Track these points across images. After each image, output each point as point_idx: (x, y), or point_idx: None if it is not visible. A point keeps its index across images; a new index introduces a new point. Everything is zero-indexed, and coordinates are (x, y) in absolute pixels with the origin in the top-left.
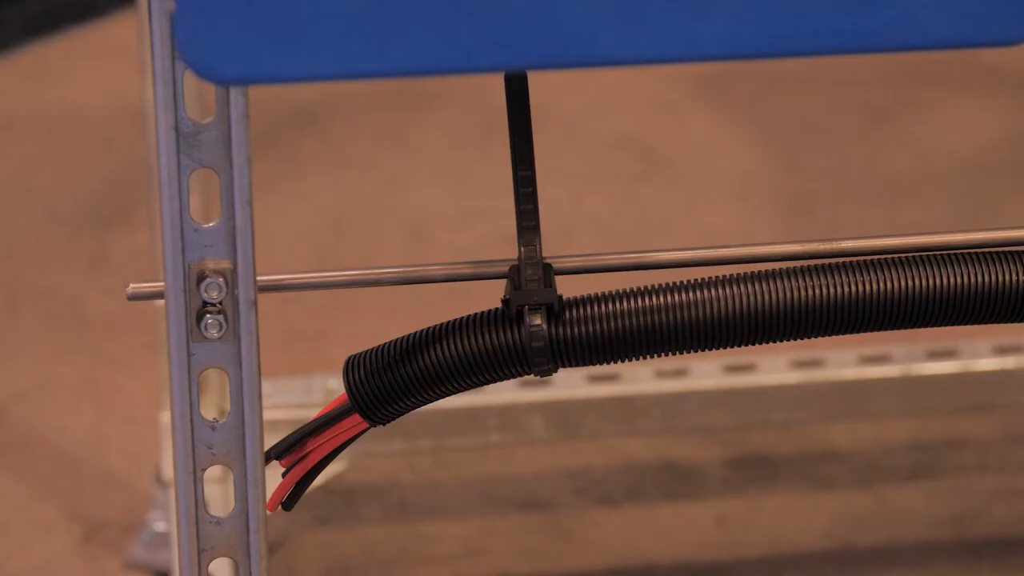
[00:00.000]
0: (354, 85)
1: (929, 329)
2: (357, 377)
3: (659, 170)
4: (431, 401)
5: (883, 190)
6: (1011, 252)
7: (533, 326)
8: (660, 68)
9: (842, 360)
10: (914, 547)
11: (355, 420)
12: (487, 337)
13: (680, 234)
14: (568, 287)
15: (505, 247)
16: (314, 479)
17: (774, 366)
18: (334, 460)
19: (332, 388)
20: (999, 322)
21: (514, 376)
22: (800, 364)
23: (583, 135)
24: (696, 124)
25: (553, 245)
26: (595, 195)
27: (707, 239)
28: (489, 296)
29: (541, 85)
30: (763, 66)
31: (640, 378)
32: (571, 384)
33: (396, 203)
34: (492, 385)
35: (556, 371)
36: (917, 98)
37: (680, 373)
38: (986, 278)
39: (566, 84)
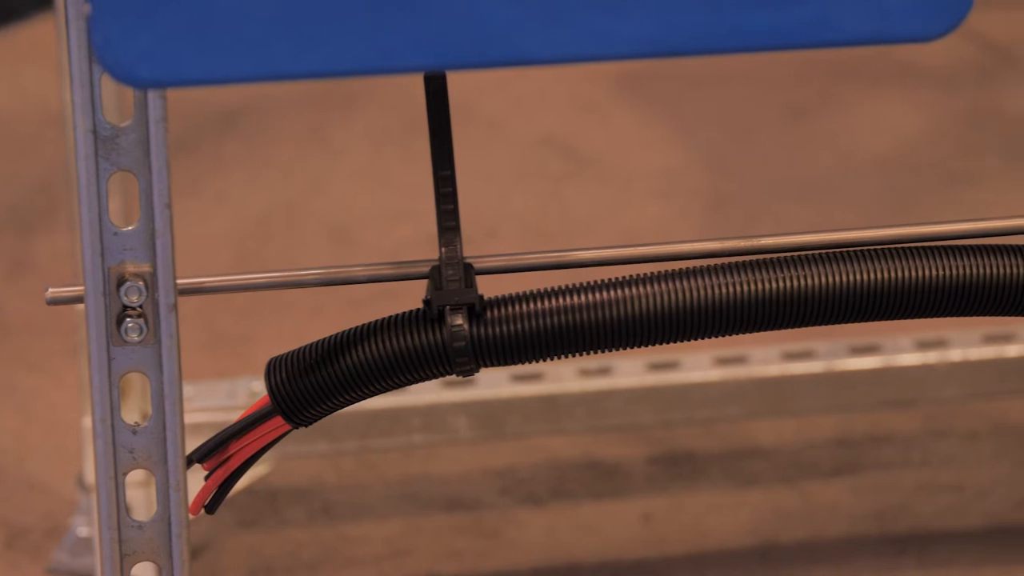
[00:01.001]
0: (276, 86)
1: (851, 324)
2: (279, 379)
3: (582, 169)
4: (354, 402)
5: (805, 187)
6: (932, 247)
7: (454, 326)
8: (582, 67)
9: (765, 357)
10: (838, 543)
11: (277, 422)
12: (409, 338)
13: (604, 233)
14: (492, 287)
15: (429, 247)
16: (237, 482)
17: (697, 363)
18: (257, 463)
19: (256, 391)
20: (919, 317)
21: (436, 376)
22: (723, 361)
23: (507, 134)
24: (619, 123)
25: (477, 245)
26: (519, 194)
27: (631, 238)
28: (415, 296)
29: (465, 84)
30: (685, 64)
31: (564, 377)
32: (495, 384)
33: (319, 204)
34: (416, 385)
35: (478, 371)
36: (838, 95)
37: (604, 371)
38: (906, 273)
39: (490, 83)
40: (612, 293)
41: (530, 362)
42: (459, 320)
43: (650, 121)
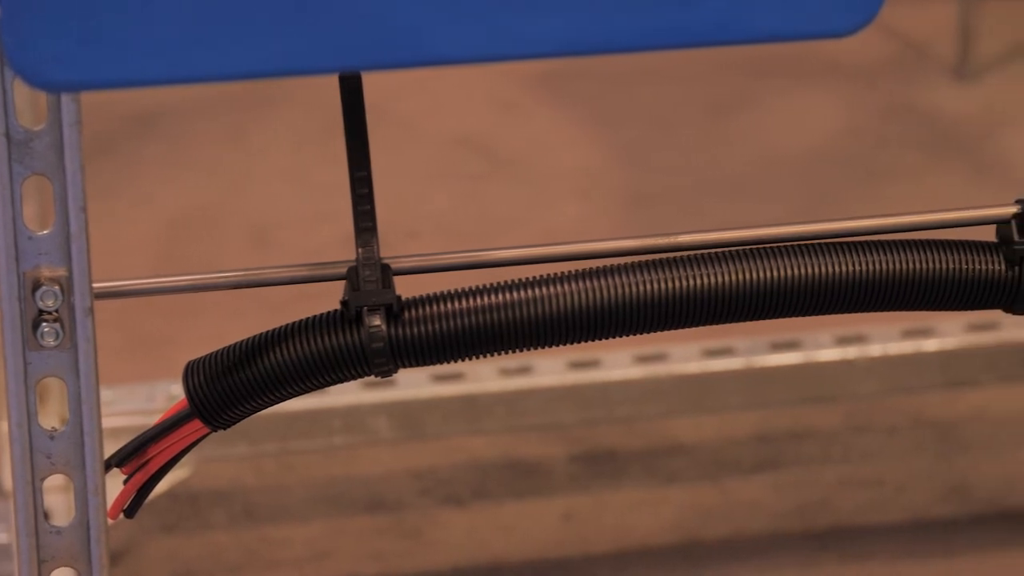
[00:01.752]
0: (194, 88)
1: (771, 321)
2: (197, 382)
3: (501, 169)
4: (272, 404)
5: (726, 184)
6: (852, 243)
7: (372, 327)
8: (500, 66)
9: (685, 354)
10: (760, 539)
11: (196, 425)
12: (326, 339)
13: (523, 232)
14: (412, 287)
15: (350, 248)
16: (155, 486)
17: (617, 361)
18: (178, 466)
19: (175, 394)
20: (840, 312)
21: (355, 377)
22: (643, 359)
23: (425, 135)
24: (538, 122)
25: (396, 245)
26: (438, 194)
27: (550, 237)
28: (335, 298)
29: (382, 85)
30: (604, 63)
31: (484, 376)
32: (415, 384)
33: (239, 206)
34: (335, 387)
35: (396, 371)
36: (758, 92)
37: (524, 371)
38: (826, 269)
39: (407, 84)
40: (530, 292)
41: (449, 362)
42: (377, 321)
43: (569, 120)
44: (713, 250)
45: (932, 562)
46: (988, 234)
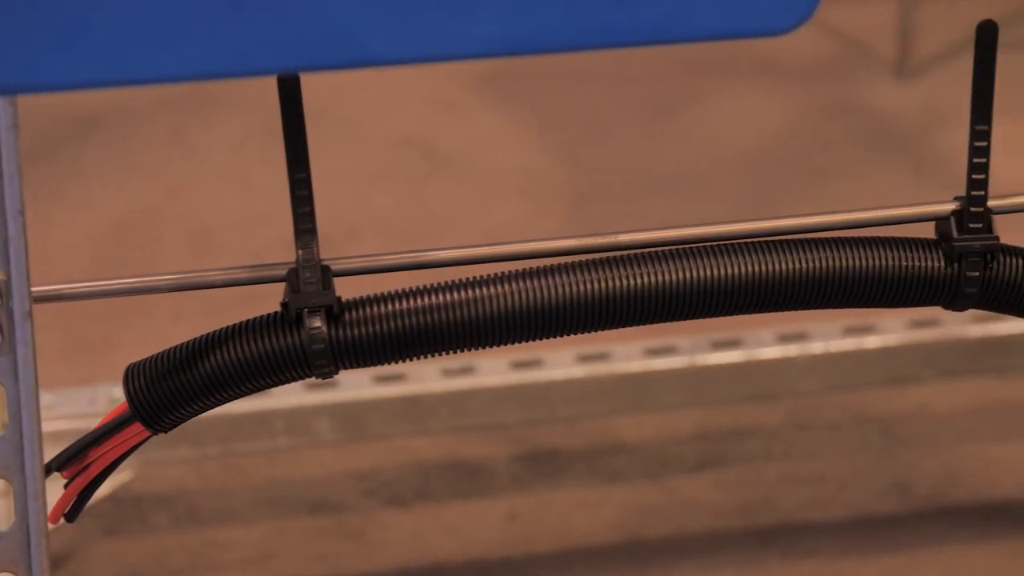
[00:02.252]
0: (135, 91)
1: (713, 319)
2: (137, 385)
3: (443, 169)
4: (213, 407)
5: (667, 183)
6: (793, 240)
7: (312, 329)
8: (442, 66)
9: (627, 353)
10: (702, 537)
11: (137, 428)
12: (267, 341)
13: (466, 232)
14: (355, 288)
15: (292, 250)
16: (96, 489)
17: (559, 361)
18: (121, 469)
19: (117, 397)
20: (781, 310)
21: (296, 379)
22: (585, 358)
23: (366, 135)
24: (479, 122)
25: (337, 247)
26: (380, 195)
27: (493, 237)
28: (279, 300)
29: (323, 86)
30: (545, 62)
31: (426, 377)
32: (357, 385)
33: (180, 209)
34: (278, 388)
35: (337, 373)
36: (700, 91)
37: (466, 371)
38: (767, 267)
39: (348, 85)
40: (471, 292)
41: (390, 363)
42: (317, 323)
43: (511, 119)
44: (654, 249)
45: (874, 559)
46: (928, 231)
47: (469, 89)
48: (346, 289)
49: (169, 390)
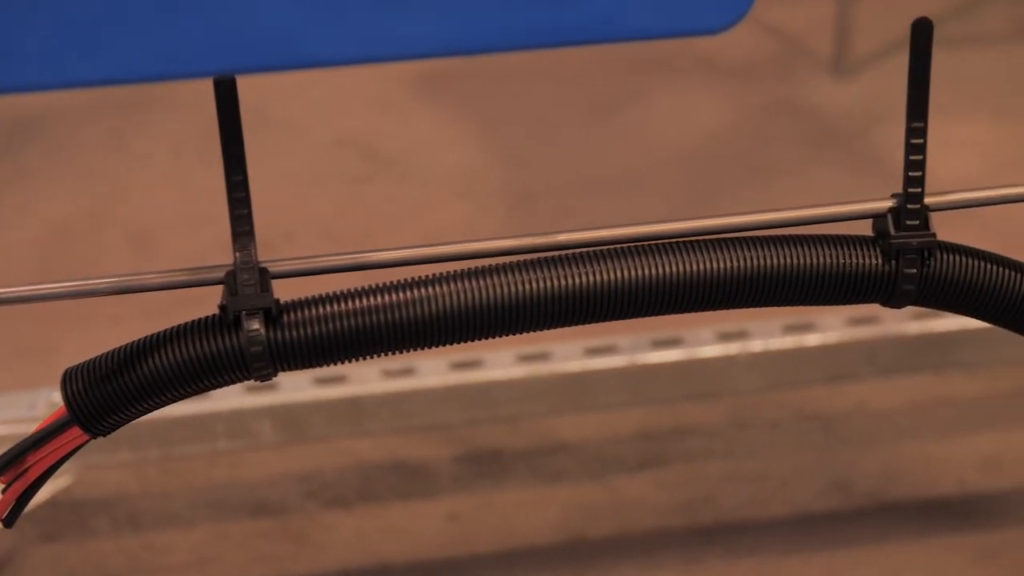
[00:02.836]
0: (74, 94)
1: (653, 318)
2: (75, 389)
3: (384, 170)
4: (152, 410)
5: (609, 182)
6: (733, 239)
7: (251, 331)
8: (382, 67)
9: (567, 353)
10: (645, 536)
11: (75, 432)
12: (205, 344)
13: (406, 233)
14: (295, 290)
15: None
16: (35, 494)
17: (500, 361)
18: (60, 473)
19: (57, 401)
20: (721, 308)
21: (234, 382)
22: (526, 358)
23: (306, 137)
24: (419, 123)
25: (276, 248)
26: (319, 197)
27: (434, 237)
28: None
29: (261, 88)
30: (485, 63)
31: (367, 378)
32: (298, 387)
33: (120, 211)
34: (218, 391)
35: (276, 375)
36: (640, 90)
37: (407, 372)
38: (708, 265)
39: (287, 86)
40: (410, 293)
41: (330, 364)
42: (255, 325)
43: (451, 120)
44: (594, 248)
45: (815, 556)
46: (866, 228)
47: (410, 90)
48: (287, 291)
49: (107, 394)
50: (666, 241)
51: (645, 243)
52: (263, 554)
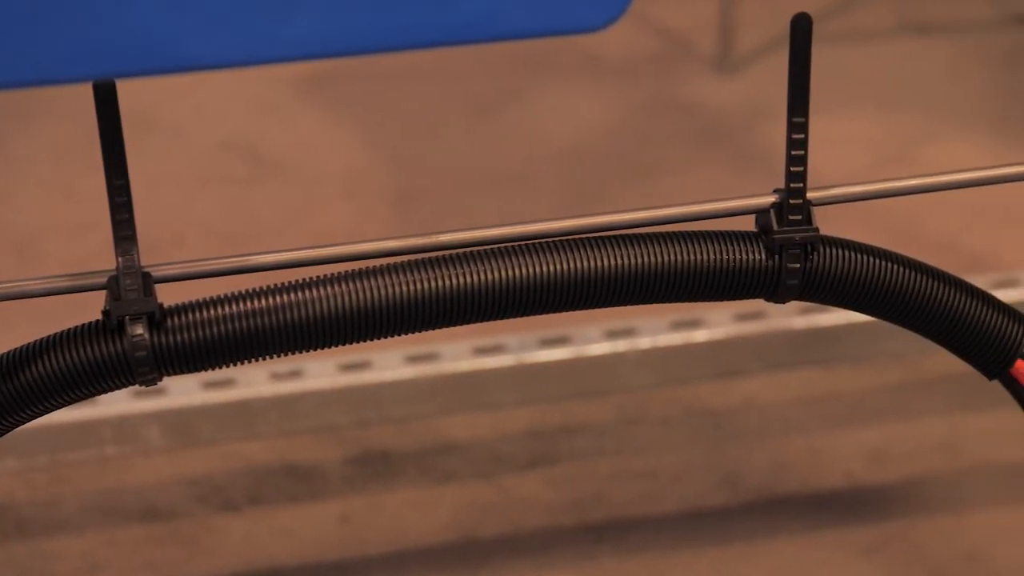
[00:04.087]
0: None
1: (541, 317)
2: None
3: (267, 173)
4: (35, 417)
5: (492, 181)
6: (617, 236)
7: (135, 336)
8: (263, 70)
9: (456, 352)
10: (536, 534)
11: None
12: (89, 350)
13: (292, 235)
14: (182, 294)
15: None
16: None
17: (388, 362)
18: None
19: None
20: (607, 306)
21: (119, 387)
22: (414, 359)
23: (190, 140)
24: (302, 125)
25: (163, 252)
26: (204, 201)
27: (319, 239)
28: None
29: (144, 92)
30: (366, 63)
31: (255, 381)
32: (186, 391)
33: (4, 218)
34: (105, 396)
35: (161, 380)
36: (523, 88)
37: (295, 374)
38: (591, 263)
39: (169, 90)
40: (295, 295)
41: (216, 368)
42: (139, 330)
43: (333, 121)
44: (476, 248)
45: (705, 551)
46: (750, 224)
47: (292, 92)
48: (174, 295)
49: None
50: (550, 240)
51: (528, 242)
52: (154, 559)
